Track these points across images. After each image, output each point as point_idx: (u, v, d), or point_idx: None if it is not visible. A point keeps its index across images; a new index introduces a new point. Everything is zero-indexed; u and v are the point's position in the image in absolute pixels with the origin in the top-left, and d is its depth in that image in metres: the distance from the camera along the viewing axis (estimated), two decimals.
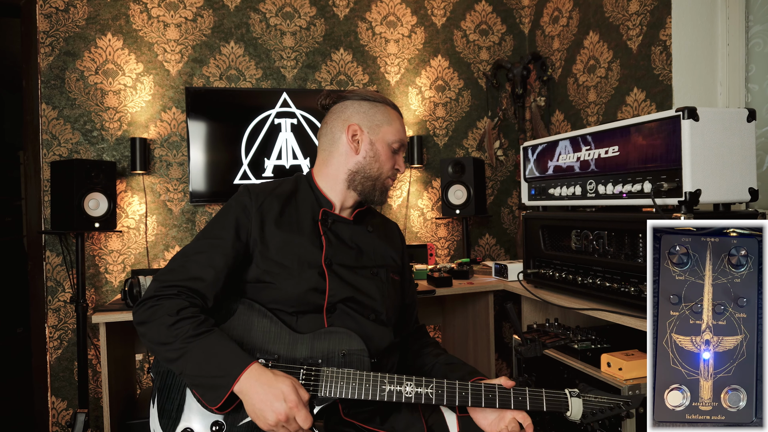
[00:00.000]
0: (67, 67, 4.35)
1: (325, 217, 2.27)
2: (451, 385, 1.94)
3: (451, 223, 5.27)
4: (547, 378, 2.91)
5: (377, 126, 2.29)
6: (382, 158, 2.29)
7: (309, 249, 2.17)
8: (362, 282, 2.23)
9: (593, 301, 2.89)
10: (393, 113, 2.34)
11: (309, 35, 4.87)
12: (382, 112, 2.31)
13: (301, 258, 2.15)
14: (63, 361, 4.34)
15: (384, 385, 1.93)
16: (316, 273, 2.14)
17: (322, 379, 1.94)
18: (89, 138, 4.39)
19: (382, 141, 2.28)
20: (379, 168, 2.29)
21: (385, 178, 2.33)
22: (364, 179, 2.29)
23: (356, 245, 2.30)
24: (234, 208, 2.19)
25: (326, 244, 2.21)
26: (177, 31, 4.58)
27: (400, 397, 1.91)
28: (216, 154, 4.54)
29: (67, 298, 4.33)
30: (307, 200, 2.30)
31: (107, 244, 4.43)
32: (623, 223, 2.64)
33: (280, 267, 2.13)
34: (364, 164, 2.28)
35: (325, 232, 2.23)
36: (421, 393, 1.92)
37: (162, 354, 1.92)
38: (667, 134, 2.39)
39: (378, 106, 2.31)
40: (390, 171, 2.33)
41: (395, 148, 2.32)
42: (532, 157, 3.36)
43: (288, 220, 2.21)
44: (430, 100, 5.19)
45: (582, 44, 4.55)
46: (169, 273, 2.05)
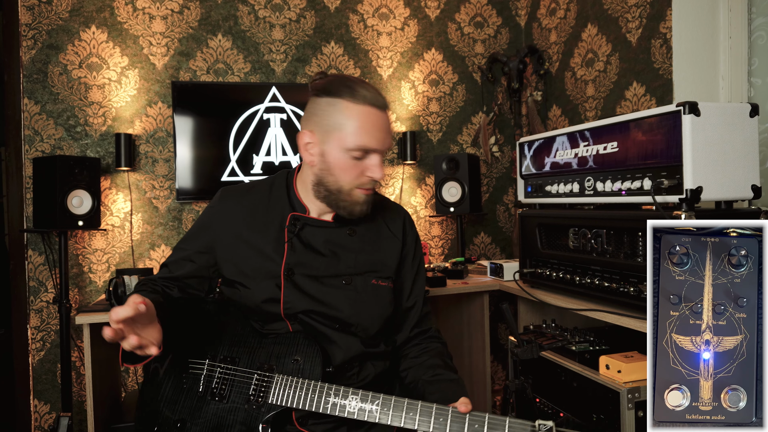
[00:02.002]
0: (50, 61, 4.33)
1: (294, 221, 2.16)
2: (399, 403, 1.84)
3: (445, 221, 5.26)
4: (543, 381, 2.90)
5: (328, 132, 2.01)
6: (337, 170, 2.03)
7: (270, 257, 2.14)
8: (327, 292, 2.13)
9: (591, 302, 2.88)
10: (354, 109, 1.98)
11: (299, 28, 4.86)
12: (339, 110, 1.99)
13: (260, 267, 2.14)
14: (46, 363, 4.32)
15: (329, 397, 1.90)
16: (273, 283, 2.11)
17: (272, 385, 1.97)
18: (73, 134, 4.37)
19: (336, 149, 2.01)
20: (335, 180, 2.05)
21: (351, 189, 2.07)
22: (327, 191, 2.09)
23: (331, 251, 2.17)
24: (205, 215, 2.26)
25: (288, 251, 2.14)
26: (163, 23, 4.55)
27: (343, 411, 1.87)
28: (203, 150, 4.52)
29: (50, 298, 4.30)
30: (278, 204, 2.22)
31: (91, 243, 4.41)
32: (622, 222, 2.63)
33: (241, 275, 2.15)
34: (321, 176, 2.07)
35: (290, 239, 2.14)
36: (365, 409, 1.86)
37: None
38: (667, 130, 2.38)
39: (335, 103, 2.00)
40: (355, 181, 2.05)
41: (357, 155, 2.01)
42: (529, 154, 3.35)
43: (254, 226, 2.19)
44: (423, 95, 5.18)
45: (580, 37, 4.55)
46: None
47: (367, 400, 1.87)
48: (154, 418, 2.05)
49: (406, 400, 1.84)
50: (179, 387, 2.07)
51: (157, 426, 2.04)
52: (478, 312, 4.22)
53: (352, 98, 1.98)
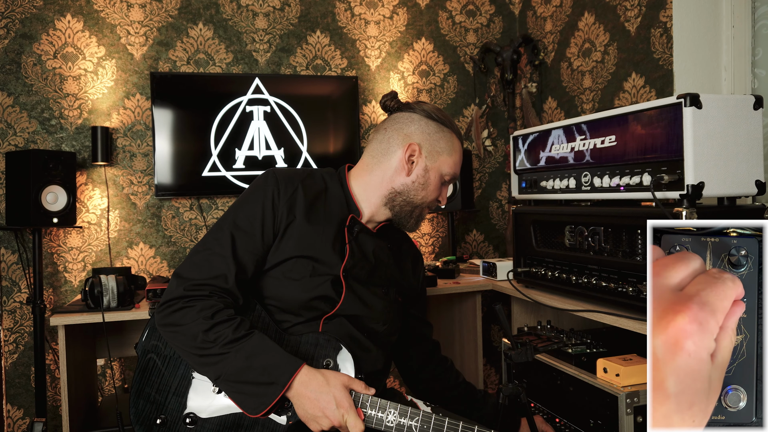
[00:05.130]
0: (24, 51, 4.29)
1: (353, 224, 2.24)
2: (440, 421, 1.88)
3: (436, 219, 5.25)
4: (538, 385, 2.90)
5: (437, 153, 2.27)
6: (431, 187, 2.29)
7: (329, 254, 2.15)
8: (374, 300, 2.24)
9: (588, 302, 2.86)
10: (456, 144, 2.32)
11: (283, 16, 4.83)
12: (447, 139, 2.29)
13: (318, 261, 2.13)
14: (19, 366, 4.29)
15: (364, 408, 1.90)
16: (328, 281, 2.12)
17: None
18: (47, 127, 4.33)
19: (437, 170, 2.28)
20: (424, 197, 2.29)
21: (425, 207, 2.34)
22: (405, 203, 2.28)
23: (376, 260, 2.30)
24: (261, 198, 2.15)
25: (349, 253, 2.19)
26: (141, 11, 4.52)
27: (381, 425, 1.88)
28: (183, 144, 4.49)
29: (24, 298, 4.26)
30: (336, 200, 2.27)
31: (66, 241, 4.38)
32: (621, 219, 2.61)
33: (293, 265, 2.12)
34: (411, 188, 2.27)
35: (350, 240, 2.21)
36: (403, 425, 1.88)
37: (195, 359, 1.93)
38: (667, 123, 2.37)
39: (444, 131, 2.29)
40: (433, 201, 2.34)
41: (446, 180, 2.32)
42: (523, 148, 3.34)
43: (315, 216, 2.18)
44: (413, 86, 5.17)
45: (576, 26, 4.54)
46: (195, 269, 2.04)
47: (406, 416, 1.88)
48: (158, 408, 2.03)
49: (447, 420, 1.88)
50: (187, 377, 2.05)
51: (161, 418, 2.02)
52: (470, 313, 4.21)
53: (457, 134, 2.34)
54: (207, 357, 1.88)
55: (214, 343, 1.87)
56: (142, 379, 2.05)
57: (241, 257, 2.06)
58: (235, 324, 1.92)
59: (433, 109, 2.31)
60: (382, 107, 2.36)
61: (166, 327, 1.97)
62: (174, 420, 2.00)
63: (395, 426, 1.87)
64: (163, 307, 1.98)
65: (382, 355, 2.25)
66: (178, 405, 2.01)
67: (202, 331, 1.88)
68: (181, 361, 2.05)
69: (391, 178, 2.26)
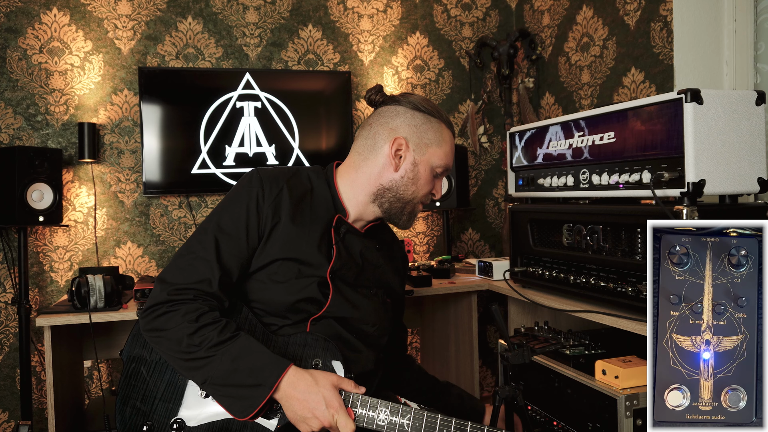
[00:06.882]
0: (9, 45, 4.27)
1: (339, 224, 2.23)
2: (432, 418, 1.88)
3: (431, 217, 5.24)
4: (536, 387, 2.89)
5: (425, 145, 2.24)
6: (421, 181, 2.26)
7: (315, 256, 2.14)
8: (362, 302, 2.23)
9: (587, 303, 2.86)
10: (447, 133, 2.29)
11: (274, 10, 4.82)
12: (435, 129, 2.25)
13: (304, 263, 2.12)
14: (4, 368, 4.28)
15: (355, 407, 1.90)
16: (315, 283, 2.12)
17: None
18: (33, 123, 4.32)
19: (426, 163, 2.24)
20: (414, 191, 2.26)
21: (417, 203, 2.30)
22: (395, 199, 2.25)
23: (363, 261, 2.28)
24: (245, 200, 2.13)
25: (336, 254, 2.18)
26: (129, 5, 4.50)
27: (372, 424, 1.88)
28: (172, 140, 4.48)
29: (9, 299, 4.25)
30: (322, 200, 2.25)
31: (52, 240, 4.37)
32: (620, 217, 2.61)
33: (278, 267, 2.11)
34: (400, 184, 2.24)
35: (337, 242, 2.20)
36: (395, 423, 1.88)
37: (181, 364, 1.93)
38: (668, 119, 2.36)
39: (432, 121, 2.26)
40: (425, 196, 2.31)
41: (438, 172, 2.29)
42: (520, 144, 3.34)
43: (301, 217, 2.17)
44: (407, 81, 5.16)
45: (574, 20, 4.54)
46: (179, 274, 2.03)
47: (397, 414, 1.88)
48: (144, 415, 2.02)
49: (440, 416, 1.87)
50: (173, 383, 2.04)
51: (147, 425, 2.01)
52: (466, 314, 4.20)
53: (446, 124, 2.30)
54: (192, 361, 1.88)
55: (199, 346, 1.86)
56: (127, 386, 2.05)
57: (226, 261, 2.05)
58: (221, 326, 1.92)
59: (420, 100, 2.27)
60: (367, 102, 2.34)
61: (151, 332, 1.96)
62: (160, 426, 2.00)
63: (387, 424, 1.87)
64: (147, 313, 1.97)
65: (373, 357, 2.25)
66: (164, 411, 2.00)
67: (187, 335, 1.87)
68: (167, 367, 2.05)
69: (378, 175, 2.24)
